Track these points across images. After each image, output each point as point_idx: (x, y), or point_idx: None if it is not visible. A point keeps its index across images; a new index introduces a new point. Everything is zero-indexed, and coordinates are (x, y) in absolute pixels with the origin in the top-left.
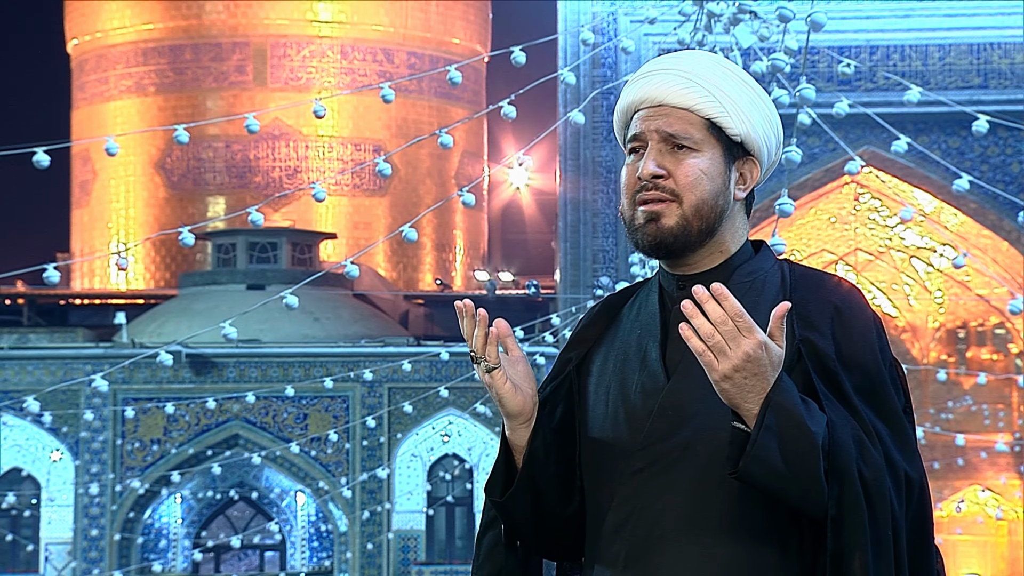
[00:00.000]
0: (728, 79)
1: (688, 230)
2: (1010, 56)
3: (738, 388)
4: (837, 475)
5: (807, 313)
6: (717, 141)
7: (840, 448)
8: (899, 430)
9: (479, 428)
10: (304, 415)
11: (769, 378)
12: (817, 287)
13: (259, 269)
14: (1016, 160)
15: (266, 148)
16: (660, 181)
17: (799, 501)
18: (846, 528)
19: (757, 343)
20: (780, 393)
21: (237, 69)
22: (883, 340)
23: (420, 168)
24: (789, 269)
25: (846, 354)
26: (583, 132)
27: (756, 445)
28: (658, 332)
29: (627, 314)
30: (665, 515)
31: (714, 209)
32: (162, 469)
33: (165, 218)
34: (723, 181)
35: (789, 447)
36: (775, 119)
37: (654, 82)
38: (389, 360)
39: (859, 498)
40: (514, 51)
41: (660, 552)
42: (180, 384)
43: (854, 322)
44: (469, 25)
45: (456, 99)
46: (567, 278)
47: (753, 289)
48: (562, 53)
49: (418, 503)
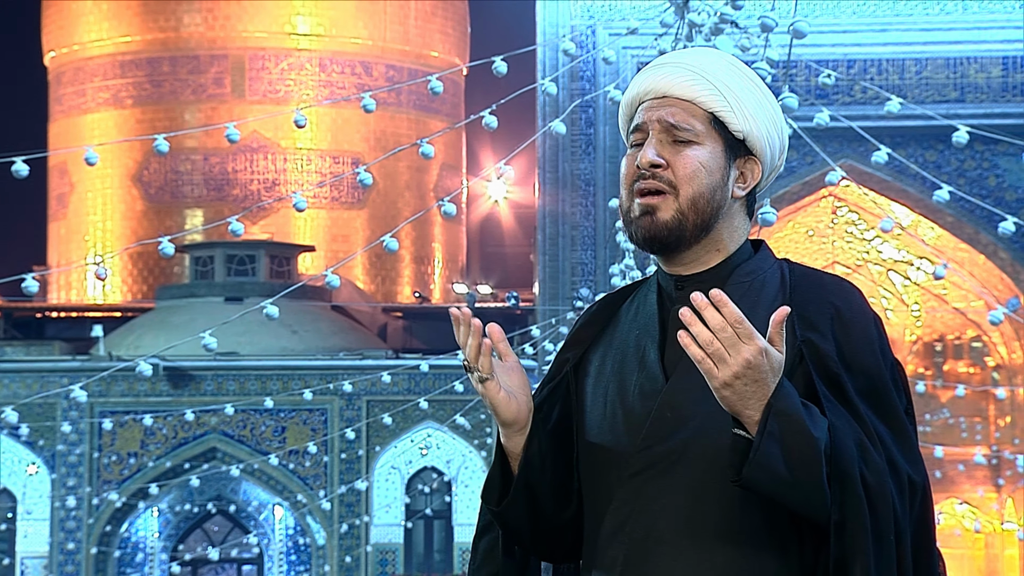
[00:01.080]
0: (734, 76)
1: (683, 224)
2: (986, 70)
3: (739, 395)
4: (839, 479)
5: (807, 314)
6: (719, 136)
7: (842, 452)
8: (901, 432)
9: (458, 441)
10: (282, 428)
11: (770, 384)
12: (817, 287)
13: (237, 282)
14: (992, 174)
15: (244, 161)
16: (658, 171)
17: (802, 507)
18: (849, 533)
19: (758, 349)
20: (782, 399)
21: (215, 82)
22: (884, 341)
23: (399, 181)
24: (789, 269)
25: (847, 355)
26: (562, 145)
27: (759, 452)
28: (656, 333)
29: (625, 314)
30: (663, 518)
31: (710, 203)
32: (139, 482)
33: (143, 231)
34: (722, 176)
35: (792, 453)
36: (780, 121)
37: (660, 74)
38: (367, 373)
39: (861, 502)
40: (495, 61)
41: (658, 555)
42: (157, 397)
43: (855, 323)
44: (448, 38)
45: (435, 112)
46: (546, 291)
47: (752, 289)
48: (540, 66)
49: (396, 516)
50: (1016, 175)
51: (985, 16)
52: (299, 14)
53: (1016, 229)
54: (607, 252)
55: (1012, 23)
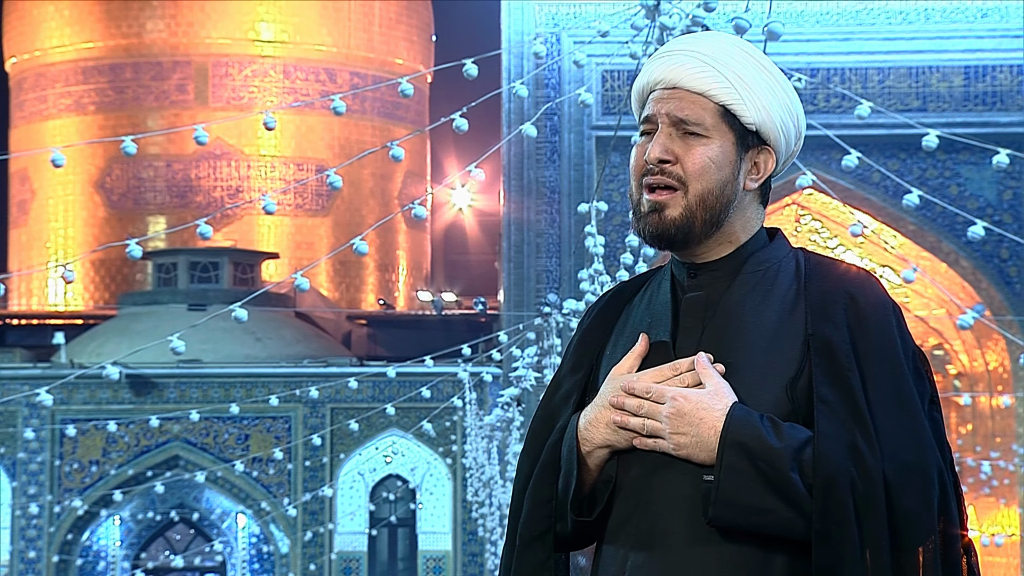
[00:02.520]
0: (747, 65)
1: (692, 221)
2: (948, 79)
3: (693, 445)
4: (822, 487)
5: (822, 304)
6: (730, 129)
7: (826, 460)
8: (917, 424)
9: (422, 448)
10: (246, 435)
11: (713, 416)
12: (832, 276)
13: (200, 289)
14: (954, 182)
15: (207, 167)
16: (667, 166)
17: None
18: (833, 542)
19: (670, 399)
20: (733, 429)
21: (178, 88)
22: (903, 329)
23: (363, 188)
24: (804, 258)
25: (862, 345)
26: (527, 152)
27: (720, 490)
28: (668, 322)
29: (639, 302)
30: (670, 511)
31: (720, 200)
32: (101, 490)
33: (105, 237)
34: (732, 171)
35: (763, 476)
36: (795, 108)
37: (670, 63)
38: (332, 380)
39: (847, 510)
40: (466, 63)
41: (664, 548)
42: (120, 405)
43: (871, 312)
44: (412, 46)
45: (400, 119)
46: (511, 298)
47: (766, 278)
48: (506, 73)
49: (360, 524)
50: (977, 184)
51: (947, 26)
52: (263, 21)
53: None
54: (572, 259)
55: (974, 33)
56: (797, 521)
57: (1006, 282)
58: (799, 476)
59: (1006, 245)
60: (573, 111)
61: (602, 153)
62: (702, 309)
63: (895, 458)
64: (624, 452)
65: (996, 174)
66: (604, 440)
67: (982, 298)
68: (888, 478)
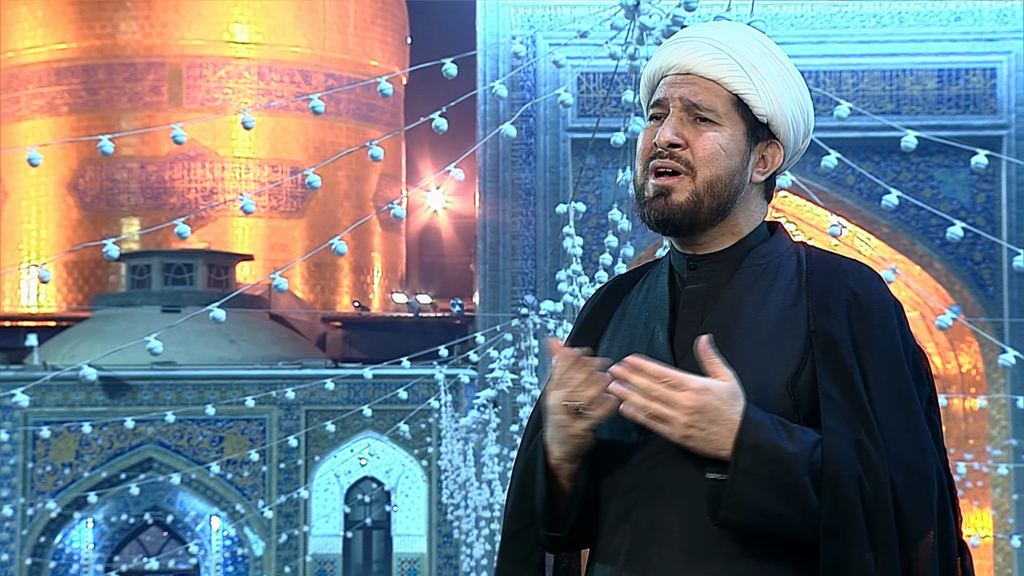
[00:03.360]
0: (762, 55)
1: (698, 207)
2: (922, 83)
3: (703, 440)
4: (830, 486)
5: (824, 300)
6: (741, 118)
7: (834, 459)
8: (918, 424)
9: (397, 451)
10: (220, 438)
11: (732, 415)
12: (835, 272)
13: (174, 291)
14: (928, 185)
15: (181, 169)
16: (676, 151)
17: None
18: (840, 539)
19: (694, 391)
20: (749, 431)
21: (152, 89)
22: (904, 327)
23: (338, 190)
24: (806, 253)
25: (863, 342)
26: (502, 154)
27: (733, 493)
28: (666, 315)
29: (635, 296)
30: (670, 506)
31: (728, 188)
32: (74, 492)
33: (78, 239)
34: (741, 160)
35: (775, 483)
36: (807, 105)
37: (684, 49)
38: (306, 382)
39: (855, 505)
40: (445, 63)
41: (664, 545)
42: (93, 407)
43: (873, 309)
44: (387, 48)
45: (375, 121)
46: (486, 300)
47: (767, 273)
48: (481, 75)
49: (335, 526)
50: (951, 186)
51: (921, 29)
52: (237, 22)
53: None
54: (547, 261)
55: (947, 36)
56: (806, 526)
57: (979, 285)
58: (810, 479)
59: (979, 248)
60: (548, 113)
61: (578, 155)
62: (702, 302)
63: (897, 458)
64: (623, 445)
65: (970, 177)
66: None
67: (956, 300)
68: (891, 478)
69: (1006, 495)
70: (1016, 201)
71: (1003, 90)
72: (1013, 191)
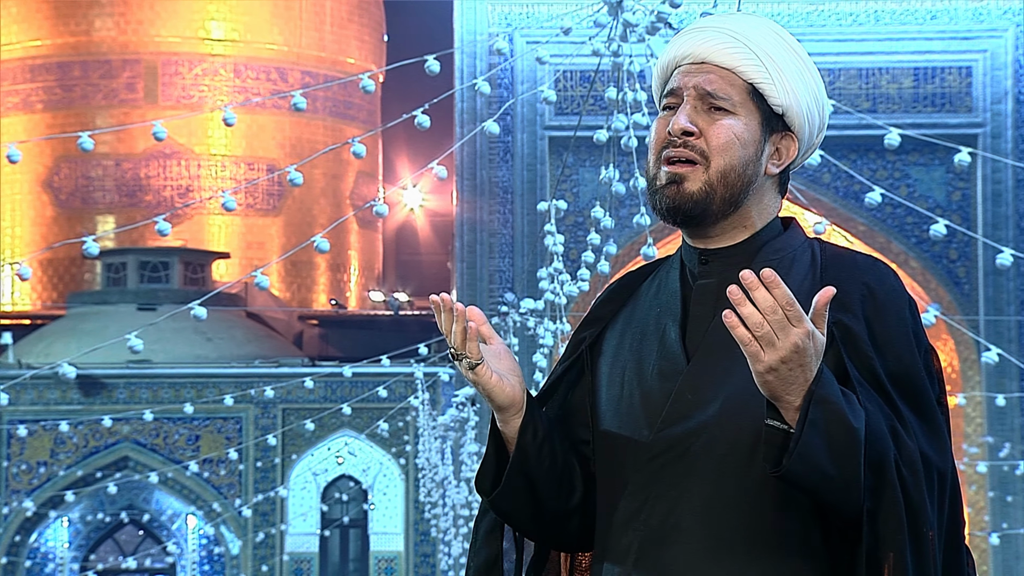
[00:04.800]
0: (778, 46)
1: (711, 196)
2: (898, 81)
3: (782, 380)
4: (874, 467)
5: (840, 295)
6: (756, 108)
7: (878, 439)
8: (931, 422)
9: (375, 449)
10: (196, 436)
11: (812, 368)
12: (850, 267)
13: (150, 289)
14: (904, 183)
15: (157, 167)
16: (690, 139)
17: (840, 501)
18: (881, 521)
19: (806, 332)
20: (824, 386)
21: (127, 87)
22: (918, 325)
23: (314, 188)
24: (820, 248)
25: (879, 338)
26: (480, 152)
27: (801, 443)
28: (678, 311)
29: (646, 291)
30: (681, 505)
31: (742, 178)
32: (50, 491)
33: (53, 237)
34: (756, 151)
35: (833, 444)
36: (823, 97)
37: (699, 38)
38: (283, 381)
39: (896, 491)
40: (428, 59)
41: (675, 544)
42: (68, 406)
43: (888, 305)
44: (364, 45)
45: (351, 119)
46: (464, 298)
47: (781, 268)
48: (459, 73)
49: (312, 525)
50: (927, 185)
51: (897, 28)
52: (213, 19)
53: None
54: (525, 259)
55: (923, 35)
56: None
57: (955, 283)
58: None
59: (955, 246)
60: (526, 111)
61: (555, 153)
62: (714, 298)
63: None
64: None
65: (945, 175)
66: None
67: (931, 298)
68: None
69: (981, 492)
70: (991, 199)
71: (978, 88)
72: (989, 189)
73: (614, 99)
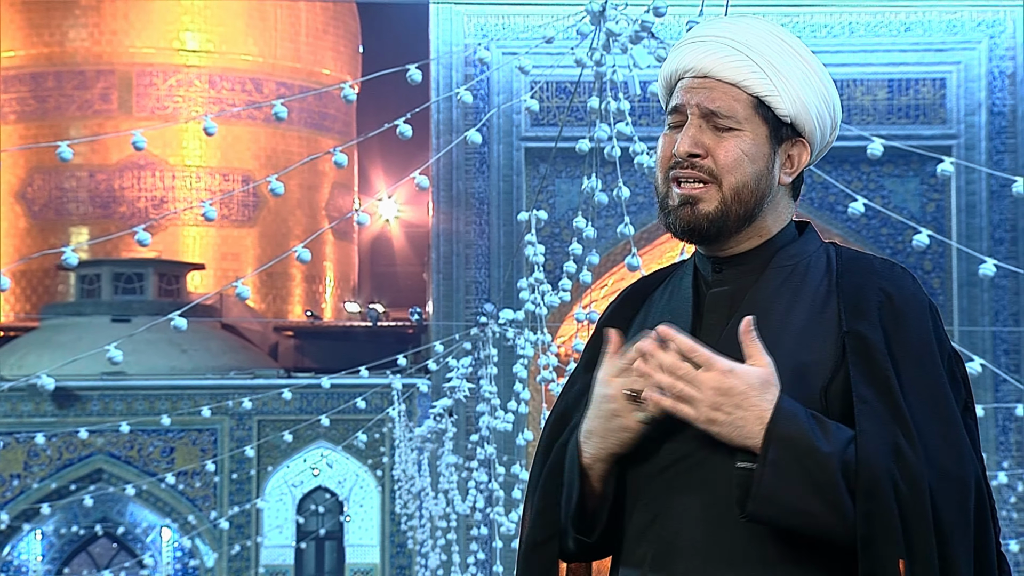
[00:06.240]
0: (783, 52)
1: (726, 216)
2: (872, 92)
3: (729, 426)
4: (866, 491)
5: (856, 301)
6: (763, 120)
7: (869, 462)
8: (955, 429)
9: (351, 461)
10: (171, 448)
11: (761, 403)
12: (867, 272)
13: (124, 300)
14: (878, 195)
15: (131, 178)
16: (697, 160)
17: (829, 531)
18: (878, 545)
19: (720, 372)
20: (781, 421)
21: (102, 97)
22: (940, 330)
23: (290, 199)
24: (836, 252)
25: (897, 345)
26: (456, 163)
27: (763, 485)
28: (690, 318)
29: (659, 298)
30: (690, 517)
31: (755, 193)
32: (23, 504)
33: (26, 248)
34: (766, 164)
35: (807, 477)
36: (832, 98)
37: (701, 50)
38: (259, 392)
39: (891, 513)
40: (410, 68)
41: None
42: (42, 418)
43: (907, 310)
44: (339, 56)
45: (327, 129)
46: (440, 309)
47: (796, 274)
48: (435, 83)
49: (288, 537)
50: (901, 196)
51: (871, 39)
52: (188, 30)
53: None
54: (501, 270)
55: (897, 47)
56: (839, 526)
57: (930, 294)
58: (843, 480)
59: (930, 257)
60: (502, 122)
61: (531, 164)
62: (727, 305)
63: (934, 465)
64: (645, 453)
65: (920, 187)
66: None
67: None
68: (928, 484)
69: None
70: (966, 211)
71: (952, 100)
72: (963, 200)
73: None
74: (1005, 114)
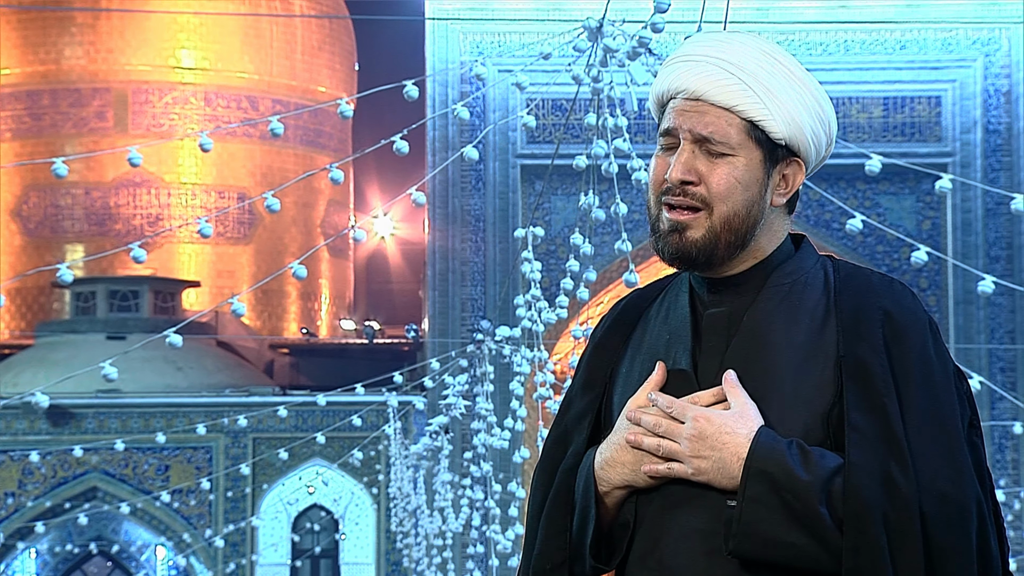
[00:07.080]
0: (776, 72)
1: (715, 243)
2: (868, 110)
3: (714, 471)
4: (853, 524)
5: (855, 322)
6: (757, 144)
7: (857, 494)
8: (956, 450)
9: (346, 479)
10: (166, 466)
11: (737, 440)
12: (865, 290)
13: (120, 318)
14: (874, 212)
15: (127, 195)
16: (689, 187)
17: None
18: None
19: (692, 419)
20: (758, 457)
21: (97, 115)
22: (940, 347)
23: (285, 216)
24: (833, 267)
25: (899, 365)
26: (451, 180)
27: (742, 521)
28: (688, 339)
29: (655, 315)
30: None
31: (746, 221)
32: (17, 522)
33: (21, 266)
34: (759, 189)
35: (788, 509)
36: (827, 114)
37: (695, 72)
38: (255, 409)
39: (879, 546)
40: (407, 84)
41: None
42: (36, 436)
43: (908, 329)
44: (335, 74)
45: (322, 147)
46: (435, 326)
47: (793, 293)
48: (431, 100)
49: (283, 555)
50: (897, 214)
51: (867, 57)
52: (183, 48)
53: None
54: (497, 287)
55: (893, 65)
56: (824, 556)
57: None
58: (827, 509)
59: (925, 274)
60: (498, 139)
61: (527, 181)
62: (725, 327)
63: (932, 488)
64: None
65: (915, 204)
66: (622, 480)
67: None
68: (924, 510)
69: None
70: (962, 228)
71: (948, 118)
72: (959, 218)
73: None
74: (1000, 132)
